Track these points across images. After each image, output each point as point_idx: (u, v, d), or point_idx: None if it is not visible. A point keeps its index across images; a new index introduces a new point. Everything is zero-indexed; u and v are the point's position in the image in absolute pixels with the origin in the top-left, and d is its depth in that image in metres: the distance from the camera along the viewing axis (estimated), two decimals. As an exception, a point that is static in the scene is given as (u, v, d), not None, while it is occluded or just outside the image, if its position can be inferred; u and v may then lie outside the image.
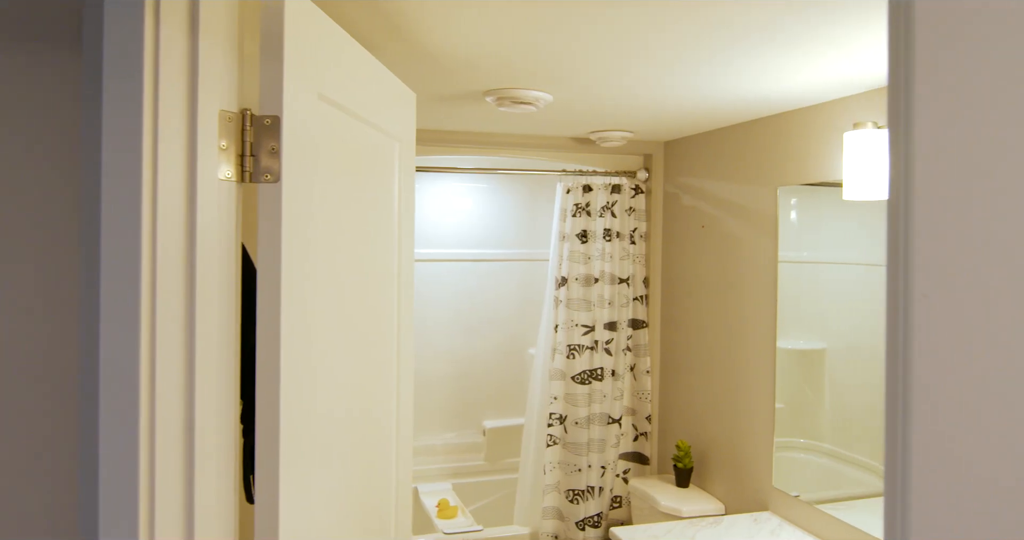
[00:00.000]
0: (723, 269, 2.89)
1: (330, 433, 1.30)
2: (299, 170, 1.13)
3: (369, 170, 1.52)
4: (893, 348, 0.58)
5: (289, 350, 1.10)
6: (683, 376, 3.20)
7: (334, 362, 1.32)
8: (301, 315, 1.15)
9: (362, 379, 1.50)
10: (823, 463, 2.41)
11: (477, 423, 4.10)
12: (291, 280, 1.10)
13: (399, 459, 1.79)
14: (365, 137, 1.48)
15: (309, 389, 1.19)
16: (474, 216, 4.08)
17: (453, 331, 4.04)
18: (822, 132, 2.32)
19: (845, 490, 2.31)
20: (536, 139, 3.21)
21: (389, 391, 1.71)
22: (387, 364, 1.69)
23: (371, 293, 1.55)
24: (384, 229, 1.64)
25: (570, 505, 3.21)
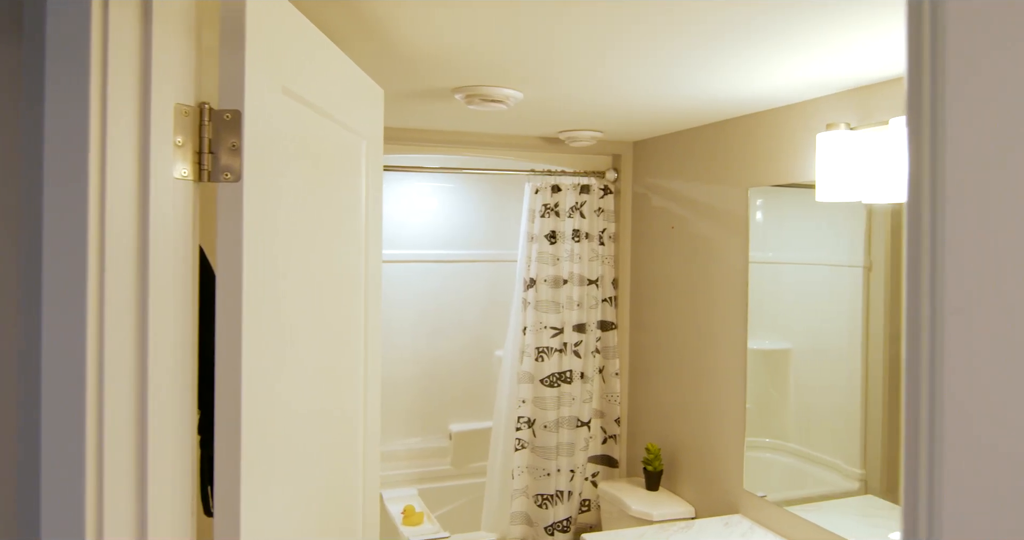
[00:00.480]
0: (693, 270, 2.88)
1: (294, 441, 1.23)
2: (262, 168, 1.06)
3: (335, 169, 1.45)
4: (914, 364, 0.54)
5: (251, 358, 1.03)
6: (652, 378, 3.18)
7: (299, 368, 1.25)
8: (264, 321, 1.08)
9: (328, 385, 1.43)
10: (788, 462, 2.41)
11: (443, 427, 4.03)
12: (253, 284, 1.03)
13: (366, 466, 1.73)
14: (331, 134, 1.41)
15: (272, 397, 1.12)
16: (440, 216, 4.02)
17: (418, 333, 3.97)
18: (794, 133, 2.32)
19: (810, 490, 2.32)
20: (504, 138, 3.16)
21: (356, 396, 1.65)
22: (354, 368, 1.62)
23: (337, 296, 1.48)
24: (351, 230, 1.57)
25: (539, 510, 3.16)
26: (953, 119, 0.48)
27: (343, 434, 1.55)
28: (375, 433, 1.80)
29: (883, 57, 1.75)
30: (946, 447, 0.48)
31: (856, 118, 2.06)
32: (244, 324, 1.01)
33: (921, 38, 0.53)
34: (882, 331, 2.05)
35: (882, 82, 1.98)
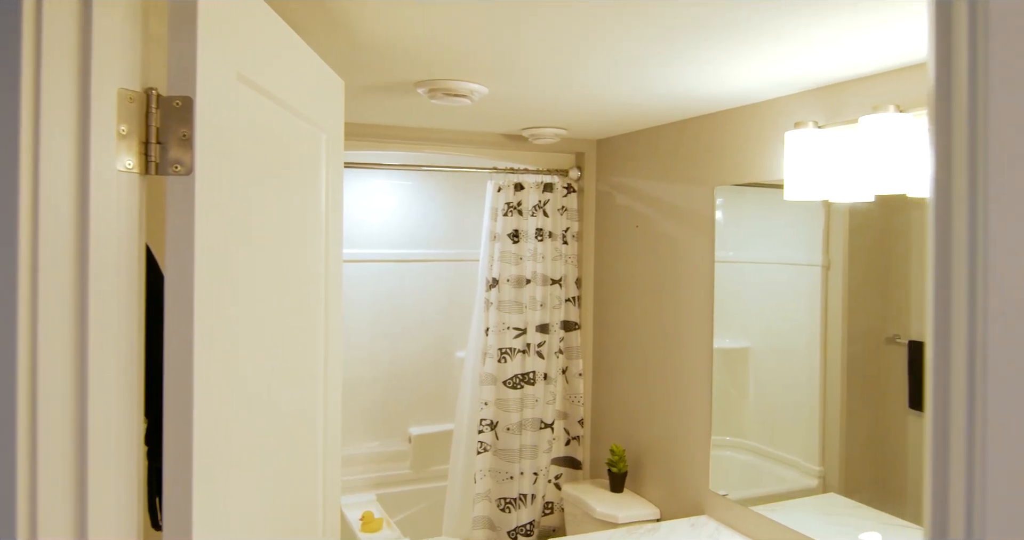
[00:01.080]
0: (658, 269, 2.85)
1: (251, 448, 1.15)
2: (215, 161, 0.98)
3: (294, 163, 1.36)
4: (943, 372, 0.49)
5: (204, 363, 0.95)
6: (616, 379, 3.15)
7: (256, 372, 1.17)
8: (217, 324, 0.99)
9: (287, 389, 1.35)
10: (748, 460, 2.41)
11: (402, 430, 3.94)
12: (205, 286, 0.95)
13: (327, 472, 1.65)
14: (289, 126, 1.32)
15: (227, 403, 1.04)
16: (399, 215, 3.93)
17: (377, 334, 3.87)
18: (761, 131, 2.30)
19: (769, 487, 2.32)
20: (467, 135, 3.09)
21: (316, 399, 1.57)
22: (314, 371, 1.54)
23: (296, 297, 1.39)
24: (311, 228, 1.49)
25: (501, 514, 3.11)
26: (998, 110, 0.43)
27: (302, 439, 1.47)
28: (336, 437, 1.73)
29: (851, 55, 1.74)
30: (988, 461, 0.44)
31: (824, 117, 2.05)
32: (196, 328, 0.93)
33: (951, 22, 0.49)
34: (840, 329, 2.06)
35: (850, 80, 1.97)
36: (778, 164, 2.23)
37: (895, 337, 1.91)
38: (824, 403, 2.11)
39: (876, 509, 1.97)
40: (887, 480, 1.94)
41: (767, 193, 2.32)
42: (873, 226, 1.97)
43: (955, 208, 0.48)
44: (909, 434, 1.86)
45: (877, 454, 1.96)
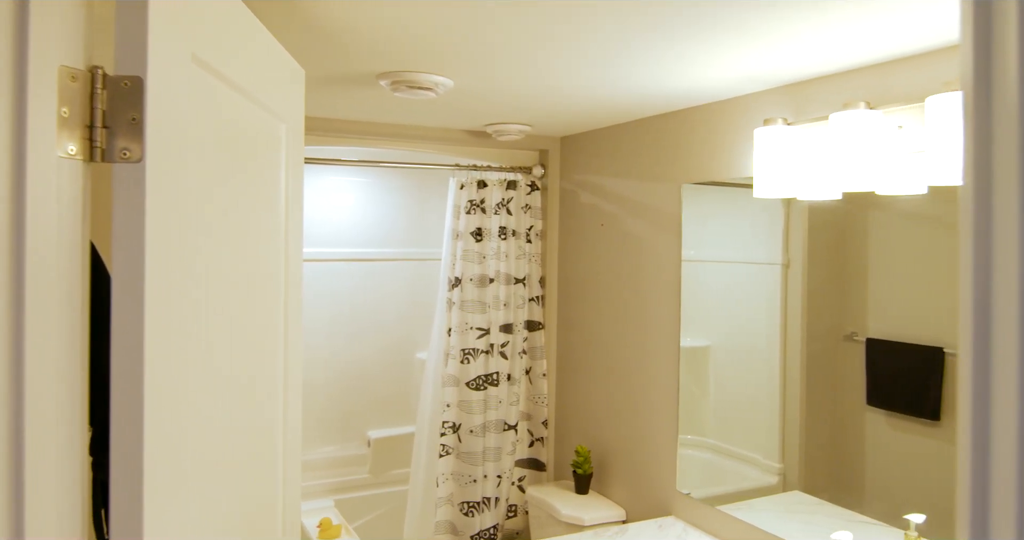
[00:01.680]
0: (623, 268, 2.83)
1: (206, 456, 1.07)
2: (168, 148, 0.90)
3: (252, 155, 1.28)
4: (982, 374, 0.45)
5: (155, 368, 0.87)
6: (580, 379, 3.11)
7: (211, 376, 1.09)
8: (170, 325, 0.91)
9: (244, 392, 1.27)
10: (708, 458, 2.42)
11: (361, 434, 3.85)
12: (157, 284, 0.87)
13: (287, 478, 1.57)
14: (248, 115, 1.24)
15: (180, 410, 0.96)
16: (357, 213, 3.83)
17: (334, 335, 3.77)
18: (729, 129, 2.29)
19: (731, 485, 2.32)
20: (429, 131, 3.02)
21: (275, 403, 1.49)
22: (273, 374, 1.46)
23: (254, 297, 1.31)
24: (270, 224, 1.41)
25: (465, 518, 3.04)
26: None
27: (261, 444, 1.39)
28: (296, 442, 1.65)
29: (821, 51, 1.73)
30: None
31: (793, 114, 2.04)
32: (146, 331, 0.85)
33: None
34: (799, 327, 2.07)
35: (820, 77, 1.97)
36: (746, 162, 2.22)
37: (853, 335, 1.92)
38: (784, 400, 2.11)
39: (840, 506, 1.97)
40: (846, 476, 1.95)
41: (727, 192, 2.32)
42: (832, 225, 1.98)
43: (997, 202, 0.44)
44: (867, 430, 1.88)
45: (836, 451, 1.97)
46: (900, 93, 1.76)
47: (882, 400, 1.85)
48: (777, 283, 2.14)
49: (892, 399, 1.82)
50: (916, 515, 1.71)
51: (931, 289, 1.73)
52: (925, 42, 1.63)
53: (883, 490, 1.86)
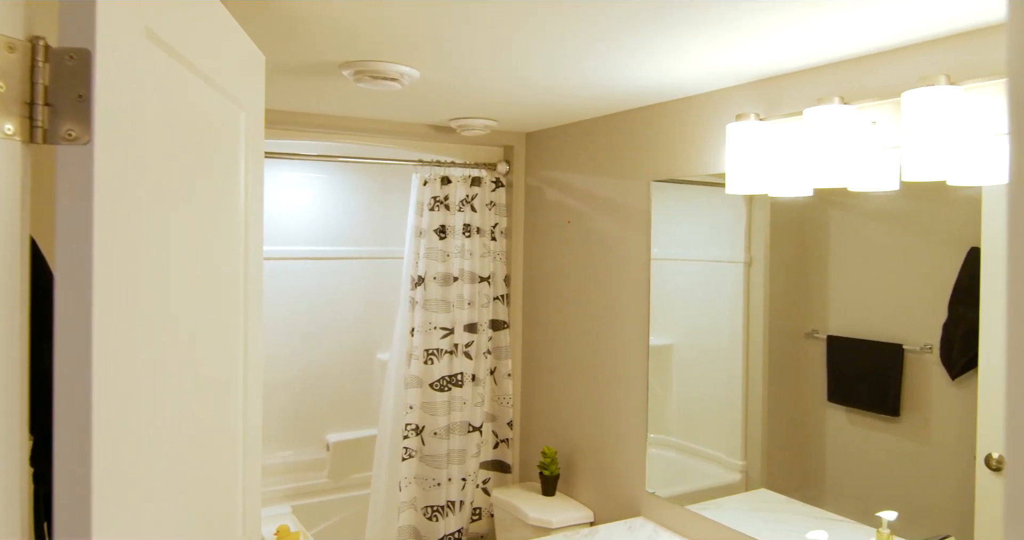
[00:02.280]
0: (591, 266, 2.79)
1: (161, 462, 0.99)
2: (119, 130, 0.81)
3: (211, 143, 1.20)
4: None
5: (104, 372, 0.79)
6: (546, 379, 3.07)
7: (166, 381, 1.01)
8: (120, 325, 0.83)
9: (202, 396, 1.18)
10: (671, 457, 2.41)
11: (319, 437, 3.73)
12: (106, 279, 0.79)
13: (247, 485, 1.48)
14: (205, 99, 1.16)
15: (130, 416, 0.88)
16: (315, 210, 3.71)
17: (291, 336, 3.65)
18: (700, 124, 2.27)
19: (694, 484, 2.32)
20: (391, 125, 2.93)
21: (235, 407, 1.40)
22: (233, 376, 1.37)
23: (212, 295, 1.23)
24: (229, 217, 1.32)
25: (428, 523, 2.97)
26: None
27: (220, 450, 1.31)
28: (256, 447, 1.56)
29: (794, 46, 1.71)
30: None
31: (766, 109, 2.03)
32: (95, 332, 0.76)
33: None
34: (762, 325, 2.07)
35: (793, 72, 1.95)
36: (717, 158, 2.20)
37: (814, 332, 1.93)
38: (746, 398, 2.11)
39: (806, 503, 1.96)
40: (808, 473, 1.95)
41: (691, 190, 2.32)
42: (794, 223, 1.98)
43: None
44: (828, 427, 1.88)
45: (798, 448, 1.97)
46: (874, 88, 1.76)
47: (843, 397, 1.85)
48: (740, 281, 2.14)
49: (853, 396, 1.83)
50: (888, 512, 1.71)
51: (891, 287, 1.74)
52: (899, 37, 1.62)
53: (845, 486, 1.86)
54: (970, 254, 1.58)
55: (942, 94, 1.46)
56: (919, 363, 1.67)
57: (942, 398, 1.62)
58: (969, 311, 1.58)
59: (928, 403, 1.65)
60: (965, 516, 1.59)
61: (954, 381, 1.61)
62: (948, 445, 1.61)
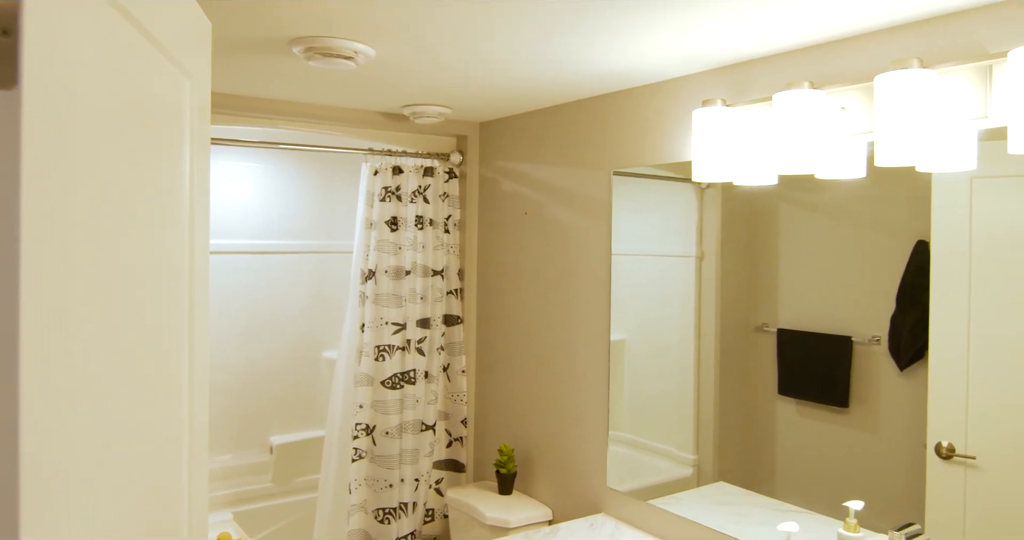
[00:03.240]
0: (549, 259, 2.72)
1: (97, 467, 0.87)
2: (52, 76, 0.70)
3: (152, 111, 1.07)
4: None
5: (34, 369, 0.67)
6: (502, 375, 2.99)
7: (104, 379, 0.89)
8: (52, 316, 0.72)
9: (144, 398, 1.06)
10: (624, 453, 2.39)
11: (262, 440, 3.57)
12: (37, 261, 0.67)
13: (192, 492, 1.36)
14: (147, 60, 1.04)
15: (66, 419, 0.76)
16: (255, 202, 3.54)
17: (231, 334, 3.47)
18: (665, 112, 2.22)
19: (647, 479, 2.30)
20: (341, 112, 2.80)
21: (179, 410, 1.27)
22: (177, 375, 1.25)
23: (155, 289, 1.11)
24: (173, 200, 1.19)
25: (380, 526, 2.85)
26: None
27: (163, 453, 1.18)
28: (202, 451, 1.44)
29: (761, 30, 1.68)
30: None
31: (732, 96, 2.00)
32: (23, 325, 0.65)
33: None
34: (713, 319, 2.06)
35: (759, 58, 1.93)
36: (682, 146, 2.16)
37: (764, 326, 1.93)
38: (698, 393, 2.11)
39: (765, 495, 1.94)
40: (759, 466, 1.95)
41: (643, 185, 2.30)
42: (744, 218, 1.98)
43: None
44: (778, 420, 1.89)
45: (749, 441, 1.97)
46: (843, 74, 1.74)
47: (793, 389, 1.86)
48: (692, 276, 2.14)
49: (803, 388, 1.84)
50: (855, 502, 1.70)
51: (840, 280, 1.75)
52: (869, 21, 1.61)
53: (797, 478, 1.86)
54: (917, 247, 1.60)
55: (915, 77, 1.44)
56: (867, 355, 1.68)
57: (890, 389, 1.63)
58: (916, 303, 1.59)
59: (877, 394, 1.66)
60: (917, 503, 1.60)
61: (902, 372, 1.62)
62: (898, 435, 1.62)
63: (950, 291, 1.53)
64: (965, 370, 1.51)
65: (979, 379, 1.49)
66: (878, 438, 1.66)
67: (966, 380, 1.51)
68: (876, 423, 1.67)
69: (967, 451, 1.51)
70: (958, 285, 1.52)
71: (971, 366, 1.50)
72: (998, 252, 1.47)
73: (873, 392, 1.67)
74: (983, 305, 1.49)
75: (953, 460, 1.53)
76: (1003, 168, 1.46)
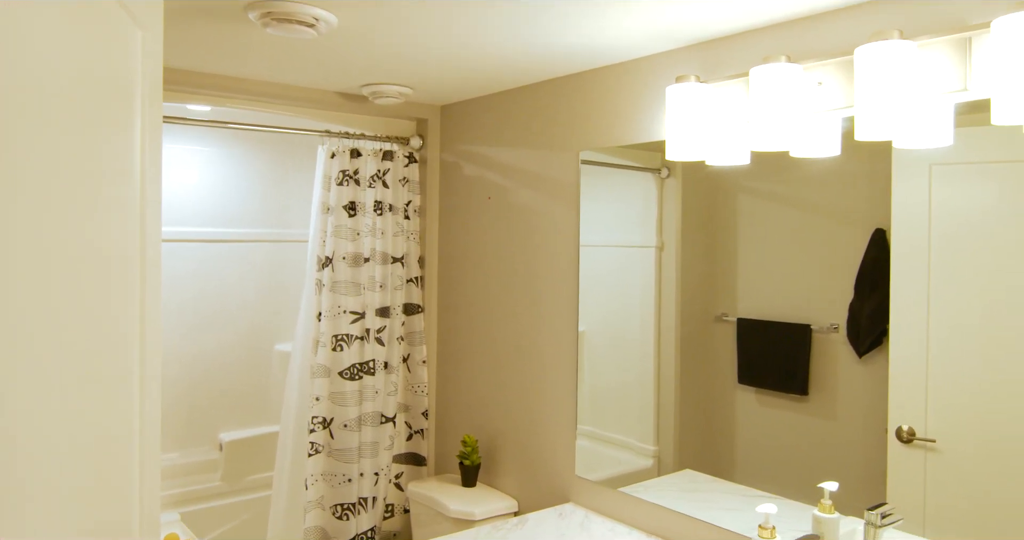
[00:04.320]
0: (514, 244, 2.66)
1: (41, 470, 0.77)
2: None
3: (100, 75, 0.96)
4: None
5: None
6: (464, 366, 2.91)
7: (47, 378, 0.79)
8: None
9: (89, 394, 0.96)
10: (584, 445, 2.36)
11: (211, 436, 3.41)
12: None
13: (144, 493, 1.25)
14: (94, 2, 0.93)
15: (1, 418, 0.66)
16: (203, 188, 3.38)
17: (177, 327, 3.31)
18: (635, 90, 2.18)
19: (607, 471, 2.29)
20: (296, 90, 2.68)
21: (129, 406, 1.17)
22: (126, 370, 1.14)
23: (100, 275, 1.00)
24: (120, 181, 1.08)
25: (338, 522, 2.75)
26: None
27: (112, 451, 1.08)
28: (154, 448, 1.33)
29: (735, 6, 1.65)
30: None
31: (707, 73, 1.96)
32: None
33: None
34: (674, 310, 2.05)
35: (733, 34, 1.89)
36: (653, 125, 2.12)
37: (723, 315, 1.92)
38: (658, 384, 2.10)
39: (734, 483, 1.93)
40: (719, 456, 1.95)
41: (604, 175, 2.27)
42: (704, 207, 1.98)
43: None
44: (738, 409, 1.88)
45: (709, 431, 1.97)
46: (818, 50, 1.72)
47: (752, 378, 1.86)
48: (652, 266, 2.12)
49: (762, 377, 1.83)
50: (829, 483, 1.68)
51: (798, 268, 1.75)
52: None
53: (757, 466, 1.86)
54: (875, 235, 1.60)
55: (896, 49, 1.42)
56: (826, 343, 1.69)
57: (849, 376, 1.64)
58: (875, 290, 1.60)
59: (836, 381, 1.67)
60: (878, 487, 1.61)
61: (861, 359, 1.62)
62: (857, 421, 1.63)
63: (910, 277, 1.54)
64: (925, 355, 1.52)
65: (939, 364, 1.50)
66: (838, 425, 1.67)
67: (926, 365, 1.52)
68: (835, 410, 1.67)
69: (927, 434, 1.52)
70: (918, 271, 1.53)
71: (931, 351, 1.51)
72: (957, 238, 1.48)
73: (832, 379, 1.67)
74: (943, 290, 1.50)
75: (914, 444, 1.54)
76: (963, 154, 1.48)
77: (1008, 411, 1.41)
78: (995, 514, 1.42)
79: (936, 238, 1.51)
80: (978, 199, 1.45)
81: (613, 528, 2.15)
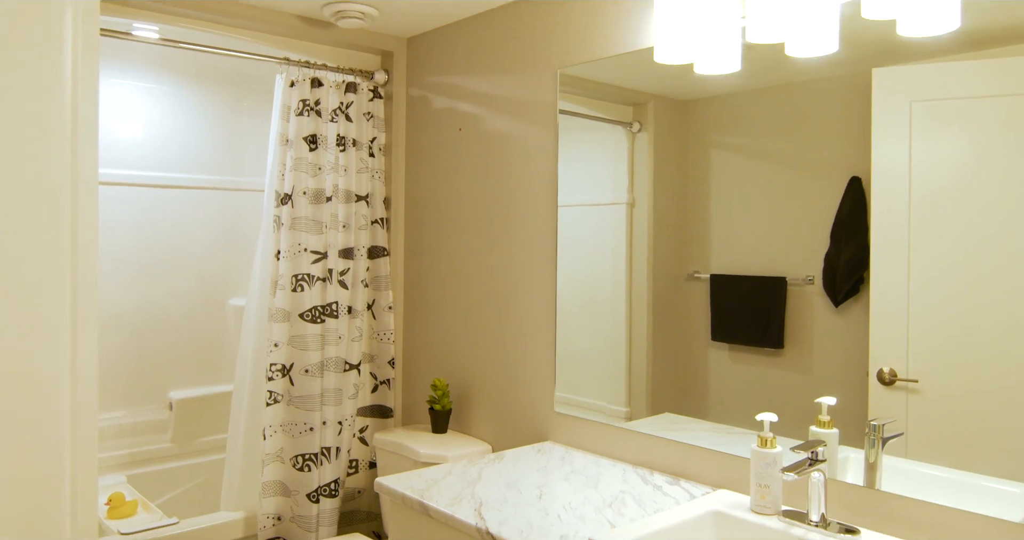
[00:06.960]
0: (488, 180, 2.52)
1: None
2: None
3: None
4: None
5: None
6: (433, 312, 2.77)
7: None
8: None
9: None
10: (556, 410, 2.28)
11: (160, 395, 3.20)
12: None
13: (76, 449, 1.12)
14: None
15: None
16: (151, 129, 3.16)
17: (121, 278, 3.09)
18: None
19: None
20: (252, 11, 2.49)
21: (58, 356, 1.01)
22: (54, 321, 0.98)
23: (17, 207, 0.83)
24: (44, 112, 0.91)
25: (299, 474, 2.58)
26: None
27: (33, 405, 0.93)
28: (90, 403, 1.22)
29: None
30: None
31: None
32: None
33: None
34: (645, 268, 2.00)
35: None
36: (636, 34, 2.01)
37: (695, 273, 1.89)
38: (630, 344, 2.04)
39: (711, 422, 1.86)
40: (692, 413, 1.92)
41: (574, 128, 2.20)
42: (676, 162, 1.94)
43: None
44: (711, 366, 1.85)
45: (682, 389, 1.93)
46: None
47: (726, 335, 1.83)
48: (623, 223, 2.06)
49: (736, 333, 1.81)
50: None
51: (772, 222, 1.73)
52: None
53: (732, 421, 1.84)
54: (851, 183, 1.59)
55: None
56: (801, 295, 1.67)
57: (825, 326, 1.63)
58: (852, 239, 1.59)
59: (811, 333, 1.65)
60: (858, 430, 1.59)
61: (837, 308, 1.62)
62: (835, 369, 1.63)
63: (891, 220, 1.53)
64: (906, 298, 1.52)
65: (920, 305, 1.50)
66: (814, 376, 1.66)
67: (907, 307, 1.52)
68: (812, 361, 1.66)
69: (909, 375, 1.52)
70: (898, 213, 1.52)
71: (912, 294, 1.51)
72: (939, 178, 1.47)
73: (807, 331, 1.66)
74: (924, 232, 1.49)
75: (895, 385, 1.55)
76: (946, 89, 1.44)
77: (988, 350, 1.42)
78: (977, 450, 1.44)
79: (917, 179, 1.49)
80: (960, 137, 1.43)
81: (596, 461, 2.04)
